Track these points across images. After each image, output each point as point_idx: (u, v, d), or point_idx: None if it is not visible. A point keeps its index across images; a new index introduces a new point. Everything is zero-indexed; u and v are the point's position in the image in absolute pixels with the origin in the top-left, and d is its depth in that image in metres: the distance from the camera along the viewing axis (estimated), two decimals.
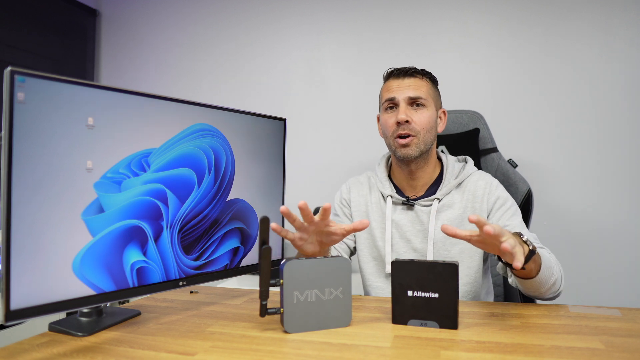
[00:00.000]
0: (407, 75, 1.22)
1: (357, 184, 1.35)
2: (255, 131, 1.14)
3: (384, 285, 1.25)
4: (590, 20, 2.05)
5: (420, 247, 1.22)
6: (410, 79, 1.21)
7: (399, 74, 1.22)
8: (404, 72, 1.22)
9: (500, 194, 1.21)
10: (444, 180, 1.24)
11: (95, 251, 0.83)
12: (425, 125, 1.19)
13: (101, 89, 0.84)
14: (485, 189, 1.22)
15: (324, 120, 2.37)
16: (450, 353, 0.74)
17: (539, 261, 0.96)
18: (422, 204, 1.23)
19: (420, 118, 1.19)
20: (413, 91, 1.20)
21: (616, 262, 2.01)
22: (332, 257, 0.88)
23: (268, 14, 2.45)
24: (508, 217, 1.18)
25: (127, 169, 0.88)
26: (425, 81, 1.22)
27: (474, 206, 1.21)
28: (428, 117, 1.20)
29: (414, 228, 1.23)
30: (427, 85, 1.22)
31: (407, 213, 1.25)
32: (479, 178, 1.24)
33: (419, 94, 1.19)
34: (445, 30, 2.21)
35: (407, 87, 1.20)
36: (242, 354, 0.75)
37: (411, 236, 1.23)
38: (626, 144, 2.01)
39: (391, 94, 1.21)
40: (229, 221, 1.09)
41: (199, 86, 2.55)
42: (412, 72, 1.22)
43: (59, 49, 2.55)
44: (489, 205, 1.20)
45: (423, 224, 1.23)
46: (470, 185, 1.23)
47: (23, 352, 0.76)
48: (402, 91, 1.20)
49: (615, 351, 0.75)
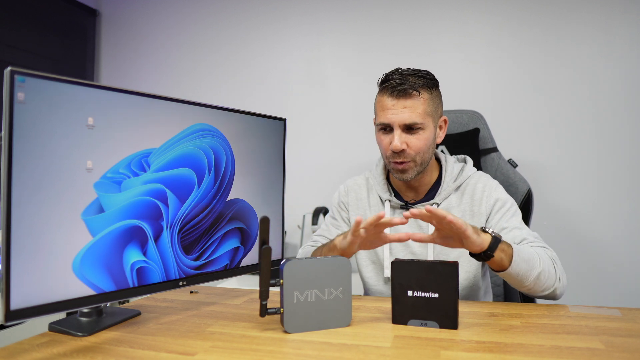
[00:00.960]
0: (402, 95, 1.12)
1: (354, 187, 1.33)
2: (255, 131, 1.14)
3: (383, 289, 1.24)
4: (590, 20, 2.05)
5: (419, 251, 1.21)
6: (405, 100, 1.12)
7: (393, 91, 1.12)
8: (398, 92, 1.12)
9: (499, 195, 1.20)
10: (443, 184, 1.22)
11: (95, 251, 0.83)
12: (421, 149, 1.14)
13: (101, 89, 0.84)
14: (483, 192, 1.20)
15: (324, 120, 2.37)
16: (450, 353, 0.74)
17: (510, 252, 0.97)
18: (421, 208, 1.21)
19: (417, 143, 1.13)
20: (409, 116, 1.11)
21: (616, 262, 2.01)
22: (332, 257, 0.88)
23: (268, 14, 2.45)
24: (507, 219, 1.17)
25: (127, 169, 0.88)
26: (422, 98, 1.13)
27: (472, 209, 1.20)
28: (425, 139, 1.14)
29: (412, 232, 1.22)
30: (424, 103, 1.13)
31: None
32: (477, 180, 1.22)
33: (415, 120, 1.11)
34: (445, 30, 2.21)
35: (401, 109, 1.12)
36: (242, 354, 0.75)
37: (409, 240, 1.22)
38: (626, 144, 2.01)
39: (386, 119, 1.13)
40: (229, 221, 1.09)
41: (199, 86, 2.55)
42: (407, 90, 1.11)
43: (59, 49, 2.55)
44: (488, 208, 1.19)
45: (421, 228, 1.21)
46: (469, 188, 1.21)
47: (23, 352, 0.76)
48: (397, 115, 1.12)
49: (615, 351, 0.75)
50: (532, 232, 1.15)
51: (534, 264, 1.00)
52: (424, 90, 1.13)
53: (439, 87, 1.20)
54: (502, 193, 1.21)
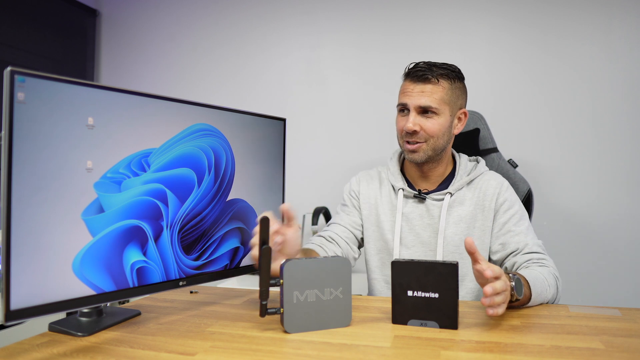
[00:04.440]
0: (422, 80, 1.17)
1: (367, 177, 1.36)
2: (255, 131, 1.14)
3: (389, 278, 1.25)
4: (590, 20, 2.05)
5: (429, 240, 1.23)
6: (424, 84, 1.17)
7: (414, 77, 1.19)
8: (419, 77, 1.18)
9: (508, 196, 1.22)
10: (457, 176, 1.25)
11: (95, 251, 0.83)
12: (435, 133, 1.18)
13: (101, 89, 0.84)
14: (496, 189, 1.22)
15: (324, 120, 2.37)
16: (450, 353, 0.74)
17: (528, 293, 0.98)
18: (434, 197, 1.24)
19: (430, 126, 1.18)
20: (425, 100, 1.16)
21: (616, 262, 2.01)
22: (332, 257, 0.88)
23: (268, 14, 2.45)
24: (515, 222, 1.19)
25: (127, 169, 0.88)
26: (441, 86, 1.17)
27: (484, 204, 1.22)
28: (439, 124, 1.18)
29: (423, 221, 1.24)
30: (442, 91, 1.17)
31: (417, 206, 1.25)
32: (490, 177, 1.25)
33: (430, 103, 1.16)
34: (446, 30, 2.20)
35: (419, 93, 1.17)
36: (242, 354, 0.75)
37: (420, 230, 1.24)
38: (626, 143, 2.01)
39: (404, 99, 1.20)
40: (229, 221, 1.09)
41: (199, 86, 2.55)
42: (427, 76, 1.17)
43: (59, 49, 2.55)
44: (497, 206, 1.22)
45: (433, 217, 1.24)
46: (482, 184, 1.24)
47: (23, 352, 0.76)
48: (414, 98, 1.17)
49: (615, 351, 0.75)
50: (537, 241, 1.17)
51: (546, 295, 1.04)
52: (444, 79, 1.18)
53: (463, 81, 1.24)
54: (512, 195, 1.24)
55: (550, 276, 1.08)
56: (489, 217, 1.22)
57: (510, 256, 1.17)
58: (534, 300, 1.01)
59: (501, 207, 1.21)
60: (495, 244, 1.21)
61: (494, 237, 1.21)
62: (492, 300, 0.83)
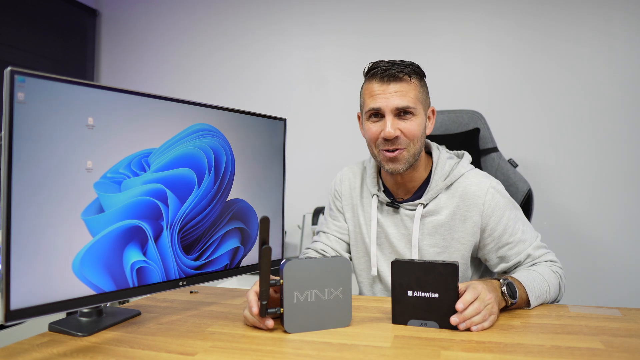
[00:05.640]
0: (393, 79, 1.05)
1: (350, 175, 1.27)
2: (255, 131, 1.14)
3: (372, 281, 1.22)
4: (590, 21, 2.05)
5: (404, 252, 1.17)
6: (397, 83, 1.05)
7: (383, 76, 1.06)
8: (389, 76, 1.05)
9: (495, 204, 1.09)
10: (431, 183, 1.13)
11: (95, 251, 0.83)
12: (415, 135, 1.07)
13: (101, 89, 0.84)
14: (479, 199, 1.09)
15: (324, 120, 2.37)
16: (450, 353, 0.74)
17: (525, 296, 0.98)
18: (407, 207, 1.15)
19: (410, 128, 1.06)
20: (400, 100, 1.05)
21: (616, 262, 2.01)
22: (332, 257, 0.88)
23: (269, 15, 2.45)
24: (510, 233, 1.10)
25: (127, 169, 0.88)
26: (414, 83, 1.07)
27: (465, 216, 1.11)
28: (417, 125, 1.07)
29: (398, 231, 1.17)
30: (415, 89, 1.07)
31: (392, 215, 1.18)
32: (471, 182, 1.11)
33: (407, 103, 1.05)
34: (446, 30, 2.21)
35: (393, 94, 1.05)
36: (242, 354, 0.75)
37: (394, 239, 1.17)
38: (625, 144, 2.02)
39: (376, 103, 1.06)
40: (229, 221, 1.09)
41: (199, 86, 2.55)
42: (398, 75, 1.05)
43: (59, 49, 2.55)
44: (484, 220, 1.10)
45: (407, 228, 1.15)
46: (461, 188, 1.12)
47: (23, 352, 0.76)
48: (388, 100, 1.05)
49: (615, 351, 0.75)
50: (536, 241, 1.12)
51: (547, 295, 1.04)
52: (414, 76, 1.08)
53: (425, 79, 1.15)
54: (498, 198, 1.10)
55: (551, 274, 1.06)
56: (472, 231, 1.10)
57: (512, 268, 1.12)
58: (534, 302, 1.00)
59: (490, 220, 1.09)
60: (493, 258, 1.13)
61: (489, 251, 1.13)
62: (464, 318, 0.84)
